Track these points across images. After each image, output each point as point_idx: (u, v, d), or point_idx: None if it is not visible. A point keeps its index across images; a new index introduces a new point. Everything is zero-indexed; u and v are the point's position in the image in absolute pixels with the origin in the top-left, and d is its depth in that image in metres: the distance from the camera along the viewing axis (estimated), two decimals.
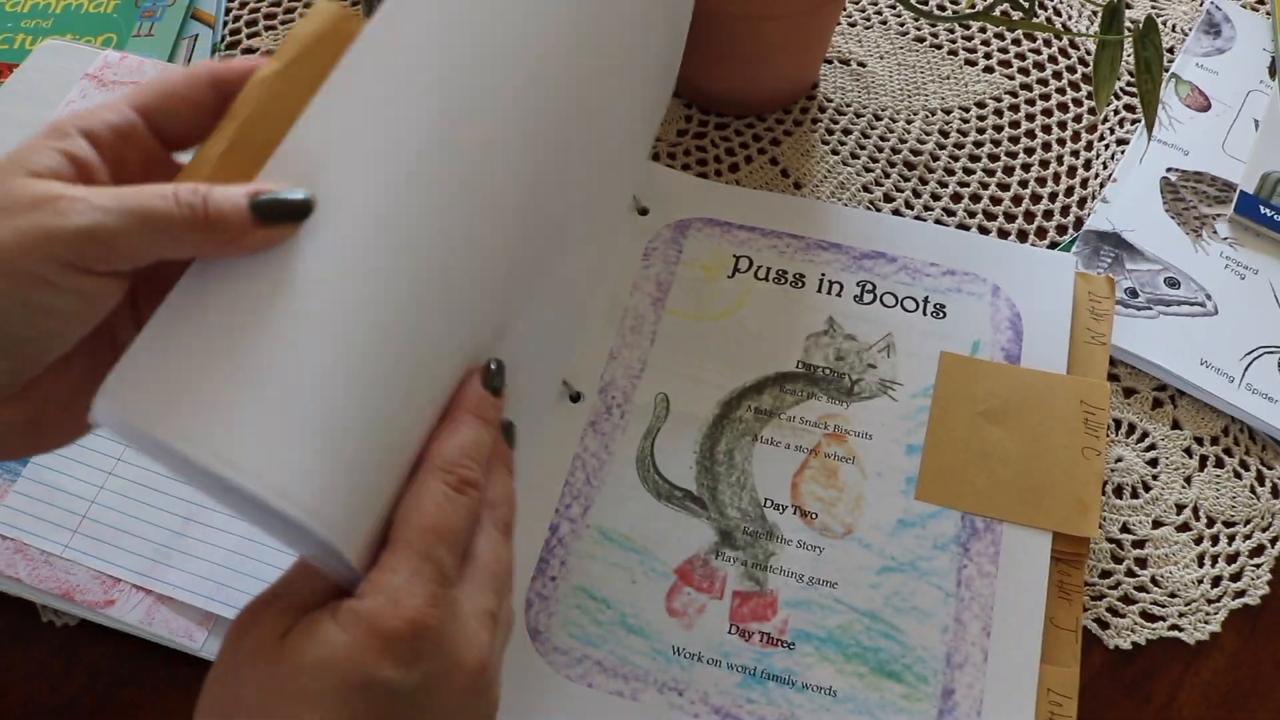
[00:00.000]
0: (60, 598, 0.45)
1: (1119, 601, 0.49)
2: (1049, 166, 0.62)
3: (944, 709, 0.44)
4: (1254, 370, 0.54)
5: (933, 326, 0.53)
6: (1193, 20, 0.68)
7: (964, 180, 0.61)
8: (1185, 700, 0.47)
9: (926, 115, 0.63)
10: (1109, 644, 0.48)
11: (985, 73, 0.66)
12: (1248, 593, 0.50)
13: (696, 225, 0.57)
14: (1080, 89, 0.65)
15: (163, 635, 0.44)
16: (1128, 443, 0.53)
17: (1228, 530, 0.51)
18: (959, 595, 0.46)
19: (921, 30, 0.67)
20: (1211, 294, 0.56)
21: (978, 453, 0.49)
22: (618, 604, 0.46)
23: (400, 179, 0.33)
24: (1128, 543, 0.50)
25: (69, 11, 0.64)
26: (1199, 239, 0.58)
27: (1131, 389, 0.54)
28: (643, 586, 0.47)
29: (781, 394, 0.52)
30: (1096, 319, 0.53)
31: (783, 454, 0.50)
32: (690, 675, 0.45)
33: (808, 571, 0.47)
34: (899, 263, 0.55)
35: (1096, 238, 0.58)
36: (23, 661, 0.46)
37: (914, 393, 0.51)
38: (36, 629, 0.47)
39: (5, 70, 0.60)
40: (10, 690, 0.46)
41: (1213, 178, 0.60)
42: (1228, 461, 0.53)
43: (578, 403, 0.50)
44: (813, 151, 0.62)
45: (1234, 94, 0.64)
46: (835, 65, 0.65)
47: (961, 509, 0.48)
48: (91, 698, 0.46)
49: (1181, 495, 0.52)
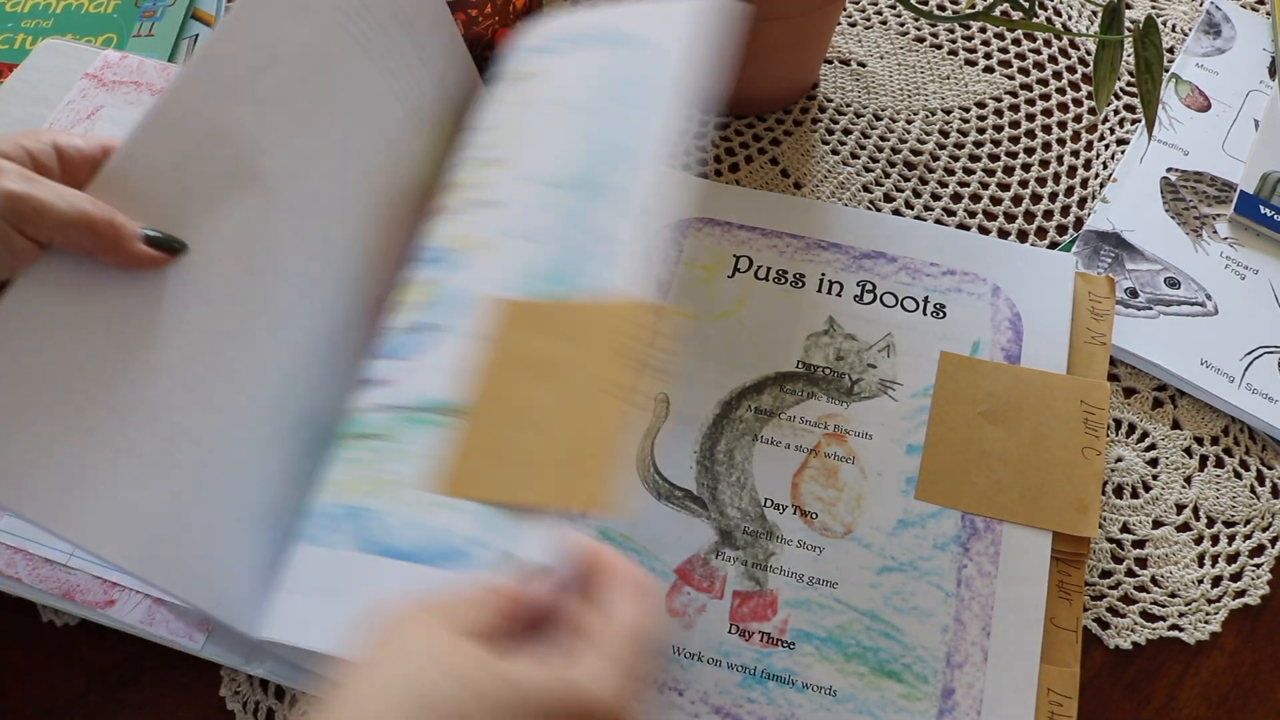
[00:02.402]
0: (60, 598, 0.45)
1: (1119, 601, 0.49)
2: (1049, 166, 0.62)
3: (944, 709, 0.44)
4: (1254, 370, 0.54)
5: (933, 326, 0.53)
6: (1193, 20, 0.68)
7: (964, 180, 0.61)
8: (1185, 700, 0.47)
9: (926, 115, 0.63)
10: (1109, 644, 0.48)
11: (985, 73, 0.65)
12: (1248, 593, 0.50)
13: (696, 225, 0.57)
14: (1080, 89, 0.65)
15: (163, 635, 0.44)
16: (1128, 443, 0.53)
17: (1228, 530, 0.51)
18: (959, 595, 0.46)
19: (921, 30, 0.67)
20: (1211, 294, 0.56)
21: (978, 452, 0.49)
22: None
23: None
24: (1128, 543, 0.50)
25: (69, 11, 0.64)
26: (1199, 239, 0.58)
27: (1131, 389, 0.54)
28: None
29: (781, 394, 0.52)
30: (1096, 319, 0.53)
31: (783, 454, 0.50)
32: (690, 675, 0.45)
33: (808, 571, 0.47)
34: (899, 262, 0.55)
35: (1096, 238, 0.58)
36: (23, 661, 0.46)
37: (914, 392, 0.51)
38: (36, 629, 0.47)
39: (5, 70, 0.60)
40: (10, 690, 0.46)
41: (1213, 178, 0.60)
42: (1228, 461, 0.53)
43: None
44: (813, 151, 0.62)
45: (1234, 94, 0.64)
46: (835, 65, 0.65)
47: (961, 509, 0.48)
48: (91, 698, 0.46)
49: (1181, 495, 0.52)
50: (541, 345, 0.40)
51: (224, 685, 0.46)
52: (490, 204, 0.46)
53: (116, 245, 0.37)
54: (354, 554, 0.38)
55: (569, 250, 0.42)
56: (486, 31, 0.53)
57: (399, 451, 0.40)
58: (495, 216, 0.45)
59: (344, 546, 0.39)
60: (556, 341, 0.40)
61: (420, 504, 0.38)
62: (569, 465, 0.37)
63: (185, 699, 0.46)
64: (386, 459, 0.41)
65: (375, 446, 0.41)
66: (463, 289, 0.43)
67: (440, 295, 0.44)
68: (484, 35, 0.53)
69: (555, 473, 0.37)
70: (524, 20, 0.55)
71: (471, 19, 0.51)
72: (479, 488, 0.38)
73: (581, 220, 0.43)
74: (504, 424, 0.39)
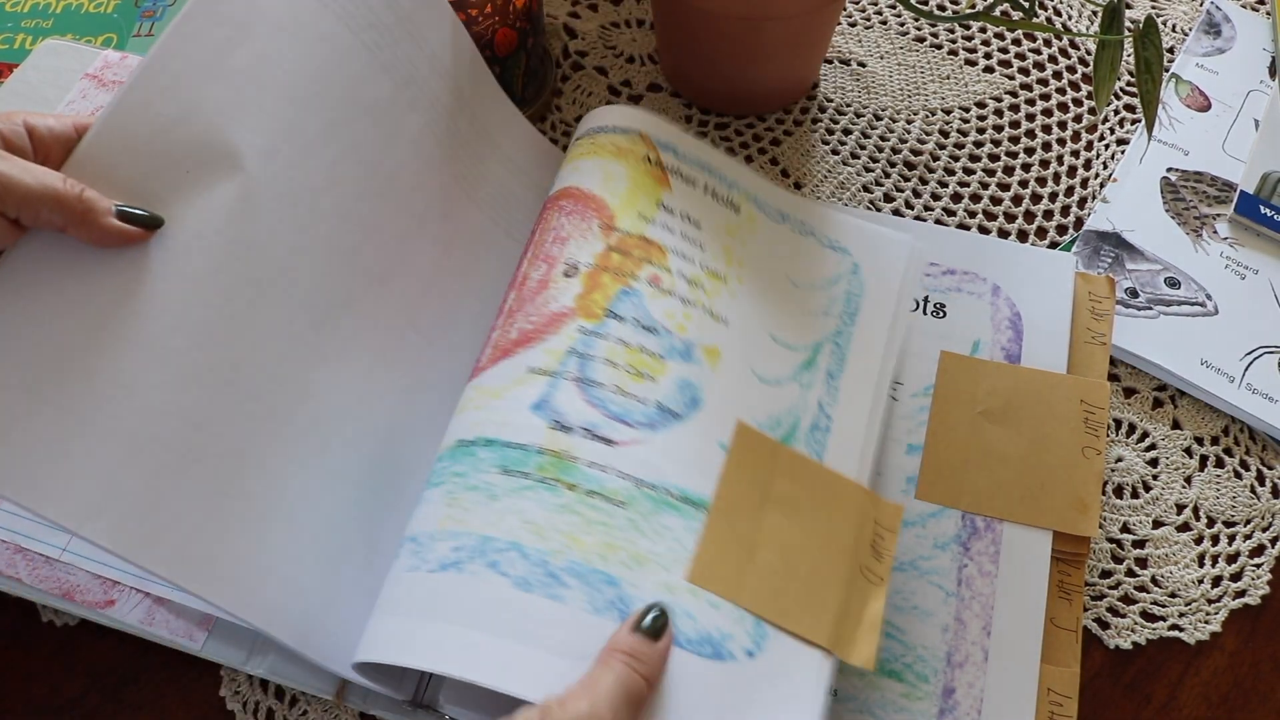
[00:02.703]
0: (60, 598, 0.45)
1: (1119, 601, 0.49)
2: (1049, 166, 0.62)
3: (944, 708, 0.44)
4: (1254, 370, 0.54)
5: (933, 326, 0.53)
6: (1193, 20, 0.68)
7: (964, 180, 0.61)
8: (1185, 700, 0.47)
9: (926, 115, 0.63)
10: (1109, 644, 0.48)
11: (985, 73, 0.66)
12: (1248, 593, 0.50)
13: None
14: (1080, 89, 0.65)
15: (163, 635, 0.44)
16: (1128, 443, 0.53)
17: (1228, 530, 0.51)
18: (959, 595, 0.46)
19: (921, 30, 0.67)
20: (1212, 294, 0.56)
21: (978, 452, 0.49)
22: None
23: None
24: (1128, 543, 0.50)
25: (69, 11, 0.64)
26: (1199, 239, 0.58)
27: (1131, 389, 0.54)
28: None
29: None
30: (1097, 319, 0.53)
31: None
32: None
33: None
34: None
35: (1096, 238, 0.58)
36: (23, 661, 0.46)
37: (914, 392, 0.51)
38: (36, 629, 0.47)
39: (5, 70, 0.60)
40: (10, 690, 0.46)
41: (1213, 178, 0.60)
42: (1228, 461, 0.53)
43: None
44: (813, 151, 0.62)
45: (1234, 94, 0.64)
46: (835, 65, 0.65)
47: (962, 508, 0.48)
48: (91, 698, 0.46)
49: (1181, 495, 0.52)
50: (779, 483, 0.44)
51: (224, 685, 0.46)
52: (717, 317, 0.47)
53: (87, 220, 0.37)
54: (586, 614, 0.38)
55: (794, 407, 0.47)
56: (486, 31, 0.53)
57: (649, 529, 0.41)
58: (725, 334, 0.47)
59: (576, 604, 0.38)
60: (793, 486, 0.44)
61: (671, 588, 0.40)
62: (814, 602, 0.41)
63: (185, 699, 0.46)
64: (637, 534, 0.41)
65: (618, 514, 0.41)
66: (699, 387, 0.45)
67: (678, 384, 0.45)
68: (484, 35, 0.53)
69: (800, 603, 0.41)
70: (524, 20, 0.55)
71: (471, 19, 0.51)
72: (728, 587, 0.41)
73: (809, 388, 0.47)
74: (746, 537, 0.42)
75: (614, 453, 0.42)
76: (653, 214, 0.49)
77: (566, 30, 0.66)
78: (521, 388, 0.43)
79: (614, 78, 0.64)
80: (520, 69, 0.57)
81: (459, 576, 0.39)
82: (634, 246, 0.47)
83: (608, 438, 0.42)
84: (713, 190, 0.51)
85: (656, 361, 0.45)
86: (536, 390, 0.43)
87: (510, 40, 0.55)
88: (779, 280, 0.50)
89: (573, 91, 0.63)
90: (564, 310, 0.45)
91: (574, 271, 0.46)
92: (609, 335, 0.45)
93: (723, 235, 0.50)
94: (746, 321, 0.48)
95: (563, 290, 0.45)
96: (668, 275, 0.47)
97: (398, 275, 0.47)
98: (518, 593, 0.38)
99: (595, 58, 0.65)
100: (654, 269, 0.47)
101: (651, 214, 0.48)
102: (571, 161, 0.51)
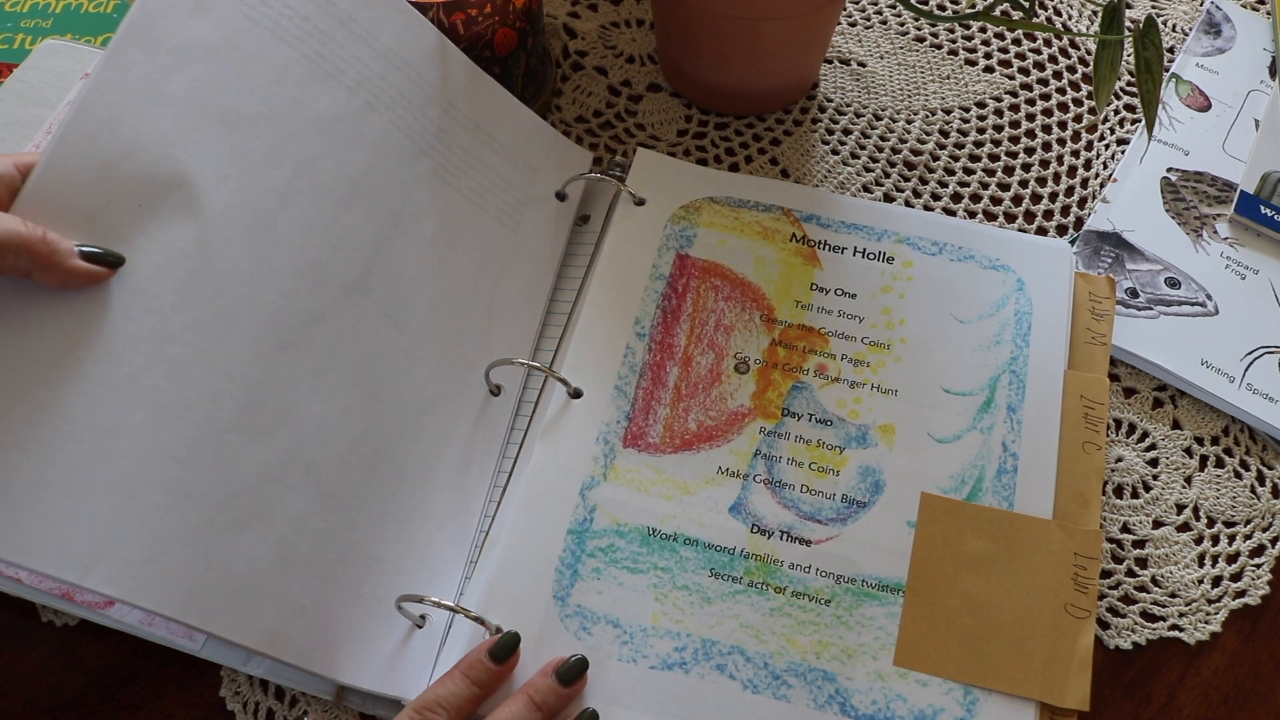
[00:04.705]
0: (60, 598, 0.45)
1: (1119, 601, 0.49)
2: (1049, 166, 0.62)
3: None
4: (1254, 370, 0.54)
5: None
6: (1193, 20, 0.68)
7: (964, 180, 0.61)
8: (1185, 700, 0.47)
9: (926, 115, 0.63)
10: (1109, 644, 0.48)
11: (985, 73, 0.65)
12: (1248, 593, 0.50)
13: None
14: (1080, 89, 0.65)
15: (163, 635, 0.44)
16: (1128, 443, 0.53)
17: (1228, 530, 0.51)
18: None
19: (921, 30, 0.67)
20: (1212, 294, 0.56)
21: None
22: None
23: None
24: (1128, 543, 0.50)
25: (69, 11, 0.64)
26: (1199, 239, 0.58)
27: (1132, 389, 0.54)
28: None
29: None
30: (1097, 319, 0.53)
31: None
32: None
33: None
34: None
35: (1097, 238, 0.58)
36: (23, 661, 0.46)
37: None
38: (36, 629, 0.47)
39: (5, 70, 0.60)
40: (10, 690, 0.46)
41: (1213, 178, 0.60)
42: (1228, 461, 0.53)
43: (579, 399, 0.50)
44: (813, 151, 0.62)
45: (1234, 94, 0.64)
46: (835, 65, 0.65)
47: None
48: (91, 698, 0.46)
49: (1181, 495, 0.52)
50: (970, 542, 0.46)
51: (224, 685, 0.46)
52: (886, 391, 0.50)
53: (53, 263, 0.36)
54: (810, 711, 0.42)
55: (977, 458, 0.48)
56: (486, 31, 0.53)
57: (853, 622, 0.45)
58: (896, 406, 0.49)
59: (800, 702, 0.43)
60: (984, 541, 0.46)
61: (882, 674, 0.43)
62: (1020, 655, 0.43)
63: (185, 699, 0.46)
64: (844, 629, 0.44)
65: (824, 613, 0.45)
66: (879, 471, 0.48)
67: (859, 472, 0.48)
68: (484, 35, 0.53)
69: (1005, 660, 0.43)
70: (523, 20, 0.55)
71: (471, 19, 0.51)
72: (932, 663, 0.44)
73: (990, 431, 0.49)
74: (944, 606, 0.45)
75: (812, 552, 0.46)
76: (808, 299, 0.52)
77: (566, 30, 0.66)
78: (715, 488, 0.47)
79: (614, 78, 0.64)
80: (520, 69, 0.57)
81: (686, 678, 0.43)
82: (796, 338, 0.51)
83: (804, 538, 0.46)
84: (863, 250, 0.53)
85: (835, 454, 0.48)
86: (731, 492, 0.47)
87: (510, 40, 0.55)
88: (943, 323, 0.52)
89: (573, 91, 0.63)
90: (742, 410, 0.49)
91: (745, 368, 0.50)
92: (788, 434, 0.49)
93: (880, 296, 0.52)
94: (915, 385, 0.50)
95: (737, 388, 0.50)
96: (833, 362, 0.50)
97: (376, 280, 0.47)
98: (747, 694, 0.42)
99: (595, 58, 0.65)
100: (819, 358, 0.50)
101: (807, 299, 0.52)
102: (713, 228, 0.54)
